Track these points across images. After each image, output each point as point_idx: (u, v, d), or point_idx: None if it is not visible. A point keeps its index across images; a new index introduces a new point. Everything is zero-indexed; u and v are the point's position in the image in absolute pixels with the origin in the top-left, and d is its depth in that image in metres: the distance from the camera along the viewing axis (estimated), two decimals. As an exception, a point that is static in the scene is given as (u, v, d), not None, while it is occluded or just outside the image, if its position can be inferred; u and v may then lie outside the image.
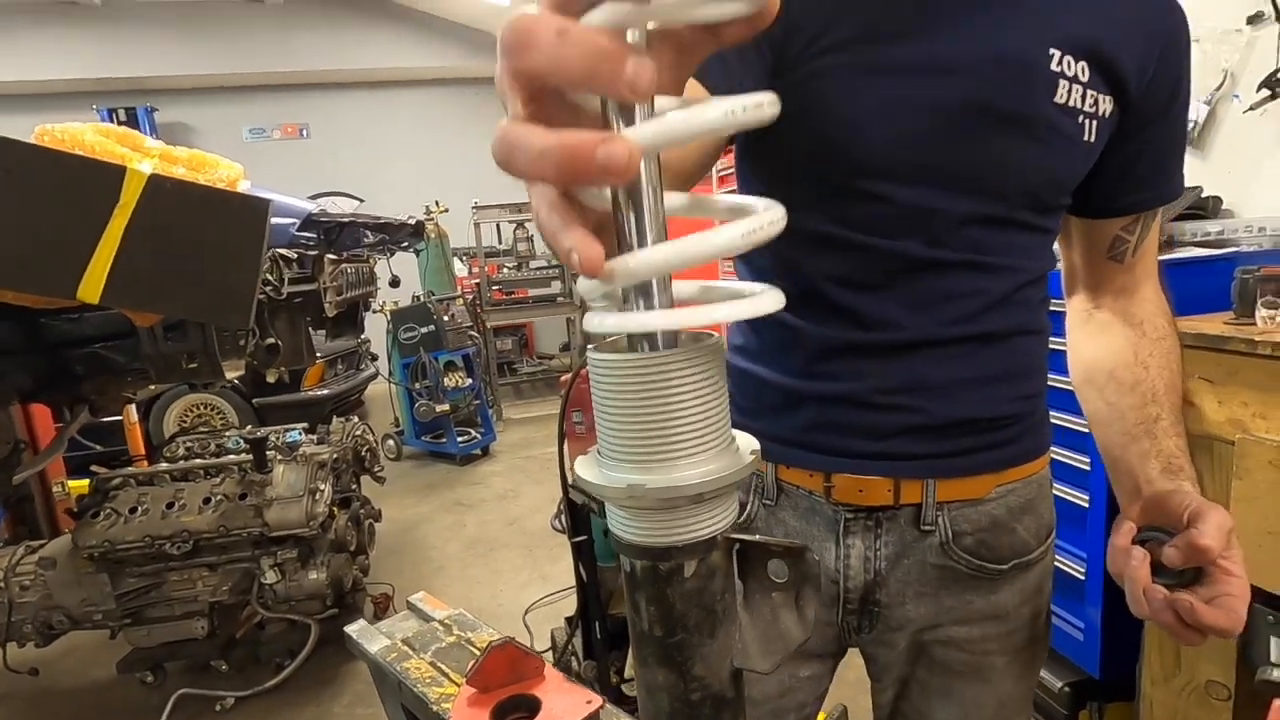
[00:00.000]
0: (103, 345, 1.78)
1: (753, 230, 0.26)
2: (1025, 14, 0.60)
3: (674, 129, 0.24)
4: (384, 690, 0.83)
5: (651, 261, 0.26)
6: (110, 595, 2.10)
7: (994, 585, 0.71)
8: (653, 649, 0.31)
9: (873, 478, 0.66)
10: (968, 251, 0.64)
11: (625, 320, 0.27)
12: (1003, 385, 0.67)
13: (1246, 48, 1.66)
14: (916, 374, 0.65)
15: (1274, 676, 0.99)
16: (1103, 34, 0.61)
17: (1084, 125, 0.62)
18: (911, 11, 0.60)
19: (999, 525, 0.69)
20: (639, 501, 0.28)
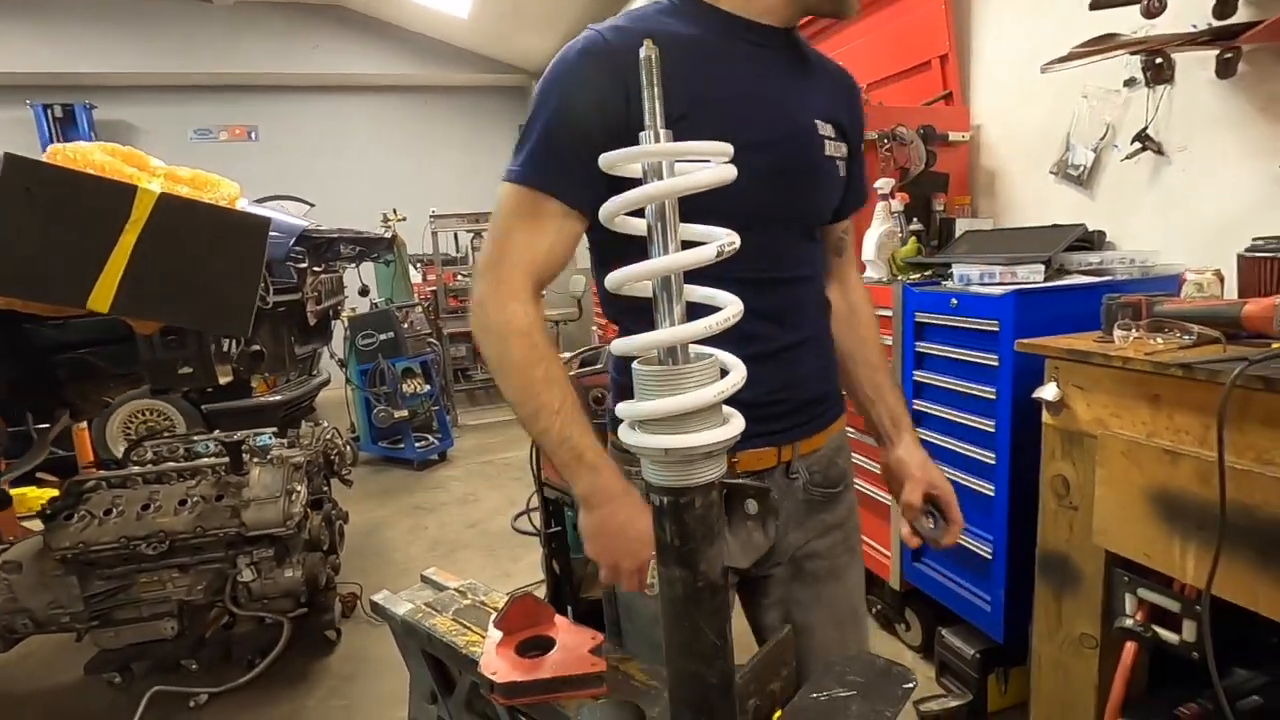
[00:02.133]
0: (88, 350, 1.84)
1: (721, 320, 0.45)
2: (801, 101, 0.90)
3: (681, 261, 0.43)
4: (408, 646, 0.97)
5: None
6: (79, 597, 2.12)
7: (833, 504, 1.01)
8: (673, 554, 0.48)
9: (763, 450, 0.92)
10: (800, 268, 0.93)
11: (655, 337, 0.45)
12: (828, 367, 1.00)
13: (1124, 106, 1.95)
14: (786, 373, 0.91)
15: (1127, 625, 1.23)
16: (833, 105, 0.94)
17: (839, 165, 0.94)
18: (749, 106, 0.85)
19: (830, 463, 1.00)
20: (669, 457, 0.45)
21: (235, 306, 1.51)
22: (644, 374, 0.46)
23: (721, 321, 0.45)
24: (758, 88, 0.86)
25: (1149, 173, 1.92)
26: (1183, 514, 1.11)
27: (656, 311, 0.46)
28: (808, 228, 0.94)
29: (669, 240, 0.44)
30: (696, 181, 0.45)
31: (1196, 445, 1.11)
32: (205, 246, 1.46)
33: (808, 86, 0.92)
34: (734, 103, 0.83)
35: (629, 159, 0.45)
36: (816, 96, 0.92)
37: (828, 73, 0.97)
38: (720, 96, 0.83)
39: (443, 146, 7.62)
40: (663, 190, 0.44)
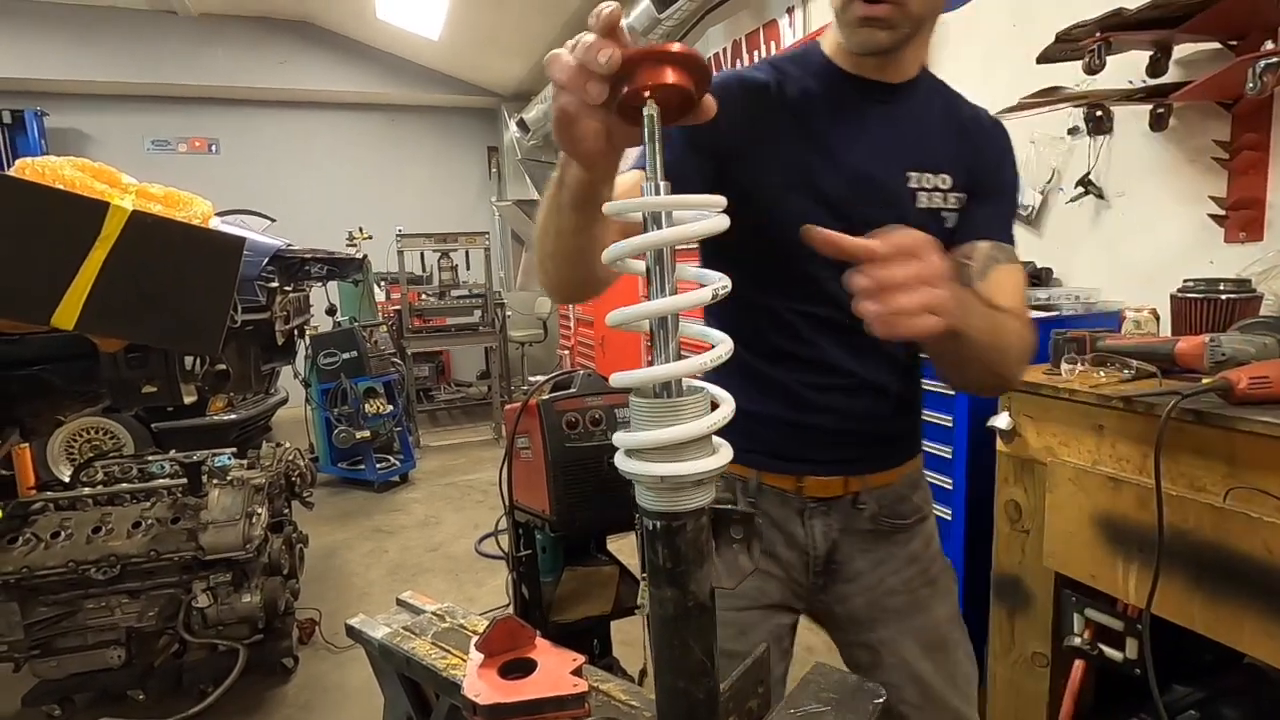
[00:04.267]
0: (42, 368, 1.78)
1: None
2: (890, 154, 0.92)
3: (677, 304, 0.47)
4: (385, 670, 0.97)
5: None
6: (19, 625, 2.03)
7: (907, 538, 1.02)
8: (665, 575, 0.51)
9: (831, 478, 0.98)
10: None
11: (654, 373, 0.48)
12: (902, 407, 1.00)
13: (1068, 153, 2.09)
14: (861, 408, 0.96)
15: (1076, 644, 1.30)
16: (951, 155, 0.94)
17: (943, 216, 0.94)
18: (816, 156, 0.91)
19: (902, 498, 1.02)
20: (664, 484, 0.49)
21: (206, 325, 1.49)
22: (640, 406, 0.50)
23: (714, 359, 0.49)
24: (834, 140, 0.91)
25: (1091, 215, 2.05)
26: (1125, 537, 1.18)
27: (654, 348, 0.50)
28: None
29: (665, 284, 0.48)
30: (688, 233, 0.48)
31: (1136, 473, 1.18)
32: (177, 265, 1.45)
33: (910, 139, 0.93)
34: (802, 152, 0.90)
35: (629, 209, 0.49)
36: (921, 149, 0.93)
37: (957, 123, 0.97)
38: (789, 144, 0.91)
39: (410, 165, 7.59)
40: (657, 240, 0.48)
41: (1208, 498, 1.08)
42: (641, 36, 4.09)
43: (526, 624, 0.86)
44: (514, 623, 0.84)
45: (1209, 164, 1.70)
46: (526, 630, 0.86)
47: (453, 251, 5.50)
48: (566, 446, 1.62)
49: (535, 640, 0.86)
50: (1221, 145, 1.66)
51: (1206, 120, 1.71)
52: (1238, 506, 1.03)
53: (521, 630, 0.85)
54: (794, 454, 0.98)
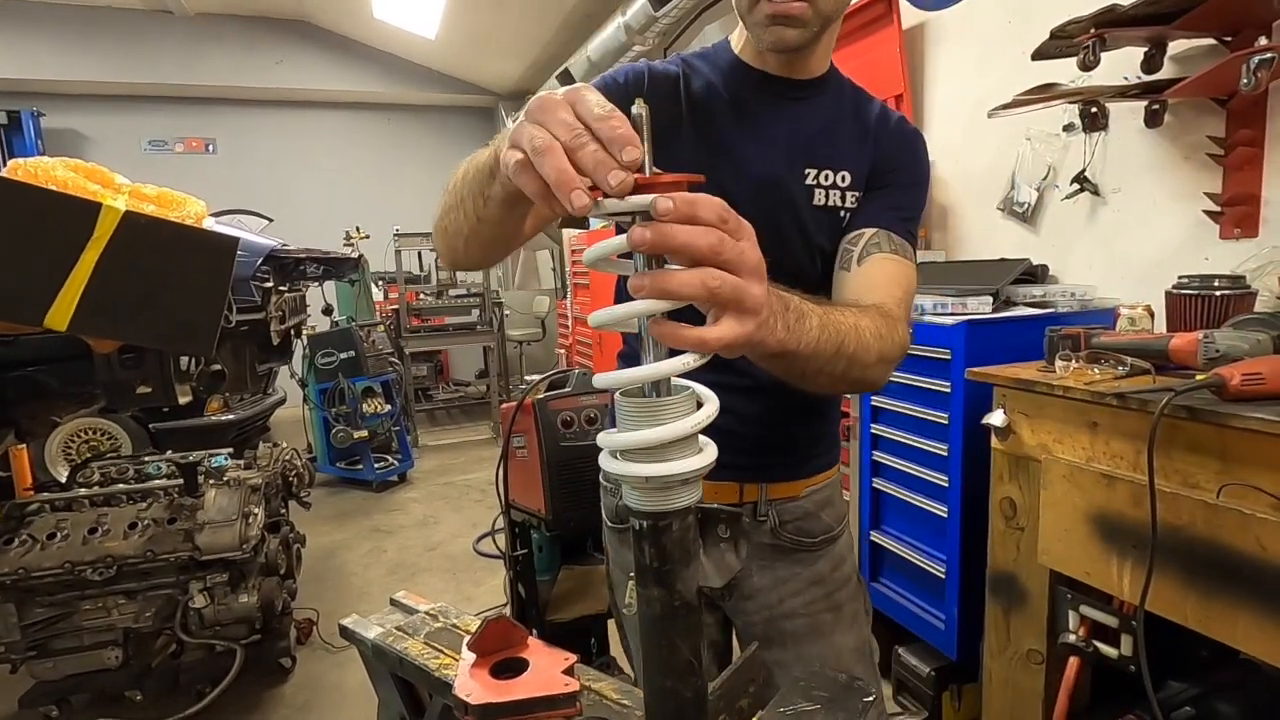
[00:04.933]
0: (37, 369, 1.78)
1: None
2: (789, 150, 0.90)
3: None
4: (378, 671, 0.96)
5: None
6: (15, 626, 2.03)
7: (812, 558, 0.99)
8: (652, 574, 0.51)
9: (724, 483, 0.95)
10: None
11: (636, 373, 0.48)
12: (811, 417, 0.98)
13: (1063, 149, 2.09)
14: (760, 408, 0.93)
15: (1070, 640, 1.30)
16: (852, 153, 0.92)
17: (841, 214, 0.93)
18: (716, 155, 0.90)
19: (809, 514, 0.99)
20: (650, 484, 0.49)
21: (200, 326, 1.49)
22: (625, 405, 0.50)
23: (698, 359, 0.49)
24: (735, 137, 0.90)
25: (1087, 211, 2.05)
26: (1119, 534, 1.18)
27: (640, 347, 0.50)
28: (787, 274, 0.86)
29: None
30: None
31: (1130, 470, 1.18)
32: (170, 265, 1.45)
33: (811, 136, 0.91)
34: (702, 149, 0.90)
35: (616, 319, 0.50)
36: (822, 145, 0.91)
37: (865, 122, 0.94)
38: (691, 140, 0.90)
39: (407, 165, 7.58)
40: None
41: (1201, 494, 1.08)
42: (638, 34, 4.08)
43: (519, 624, 0.86)
44: (506, 623, 0.84)
45: (1204, 160, 1.70)
46: (519, 630, 0.86)
47: (450, 251, 5.48)
48: (561, 445, 1.62)
49: (528, 640, 0.86)
50: (1216, 141, 1.65)
51: (1201, 116, 1.71)
52: (1231, 503, 1.03)
53: (514, 630, 0.85)
54: None
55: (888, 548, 2.02)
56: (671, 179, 0.46)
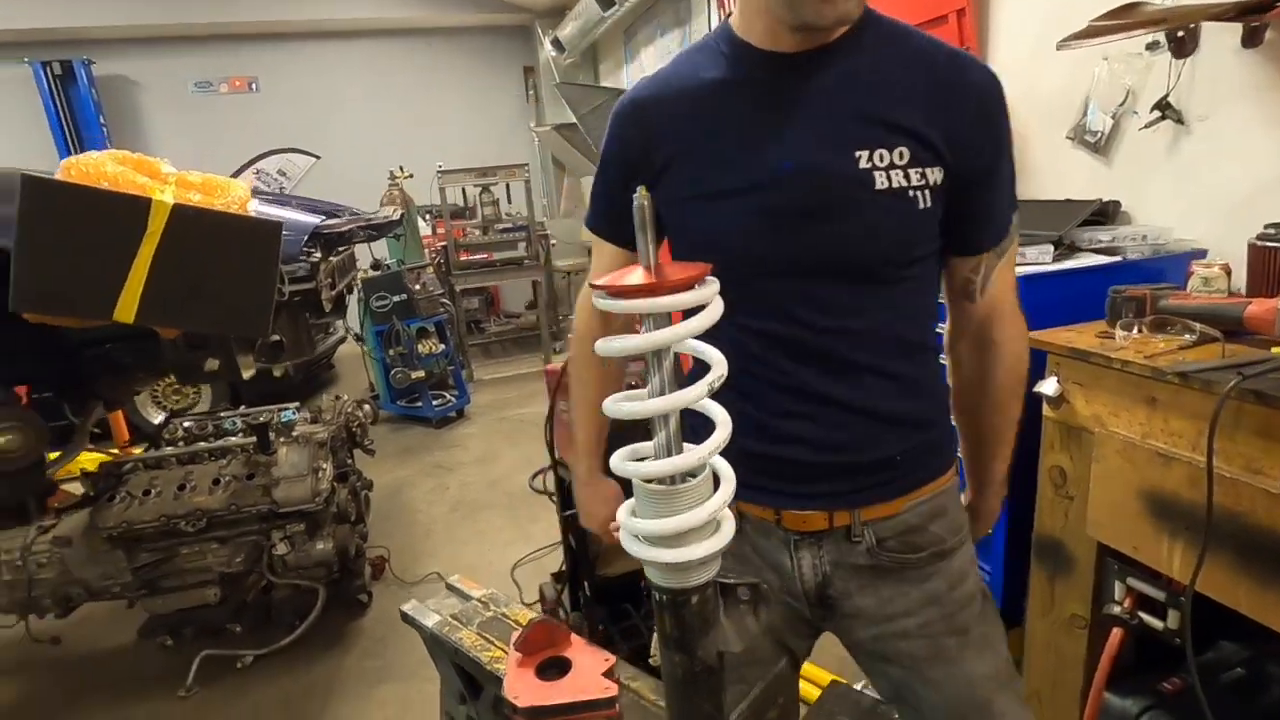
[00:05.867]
0: (112, 347, 1.90)
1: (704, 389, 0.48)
2: (825, 133, 0.77)
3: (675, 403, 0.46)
4: (438, 654, 1.05)
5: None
6: (127, 569, 2.26)
7: (921, 575, 0.87)
8: (673, 642, 0.53)
9: (811, 512, 0.85)
10: (845, 318, 0.81)
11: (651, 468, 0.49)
12: (904, 428, 0.85)
13: (1145, 70, 1.88)
14: (842, 437, 0.83)
15: (1114, 611, 1.30)
16: (913, 122, 0.76)
17: (913, 196, 0.77)
18: (738, 150, 0.81)
19: (913, 529, 0.87)
20: (668, 570, 0.50)
21: (252, 309, 1.55)
22: (643, 494, 0.50)
23: (714, 447, 0.49)
24: (755, 129, 0.80)
25: (1168, 142, 1.87)
26: (1172, 514, 1.15)
27: (653, 436, 0.50)
28: (845, 274, 0.80)
29: (665, 383, 0.47)
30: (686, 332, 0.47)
31: (1189, 450, 1.14)
32: (220, 253, 1.50)
33: (855, 108, 0.77)
34: (723, 149, 0.81)
35: (626, 351, 0.48)
36: (872, 118, 0.76)
37: (919, 73, 0.78)
38: (709, 143, 0.82)
39: (448, 91, 7.45)
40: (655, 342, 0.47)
41: (1264, 482, 1.03)
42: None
43: (562, 624, 0.91)
44: (550, 625, 0.90)
45: (1309, 84, 1.52)
46: (562, 630, 0.91)
47: (493, 185, 5.45)
48: (604, 414, 1.65)
49: (571, 639, 0.92)
50: (1325, 63, 1.47)
51: (1310, 33, 1.51)
52: (1296, 493, 0.98)
53: (556, 630, 0.91)
54: (767, 485, 0.86)
55: (934, 498, 2.02)
56: (676, 281, 0.45)
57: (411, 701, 2.08)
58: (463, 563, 2.86)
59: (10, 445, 1.63)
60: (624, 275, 0.45)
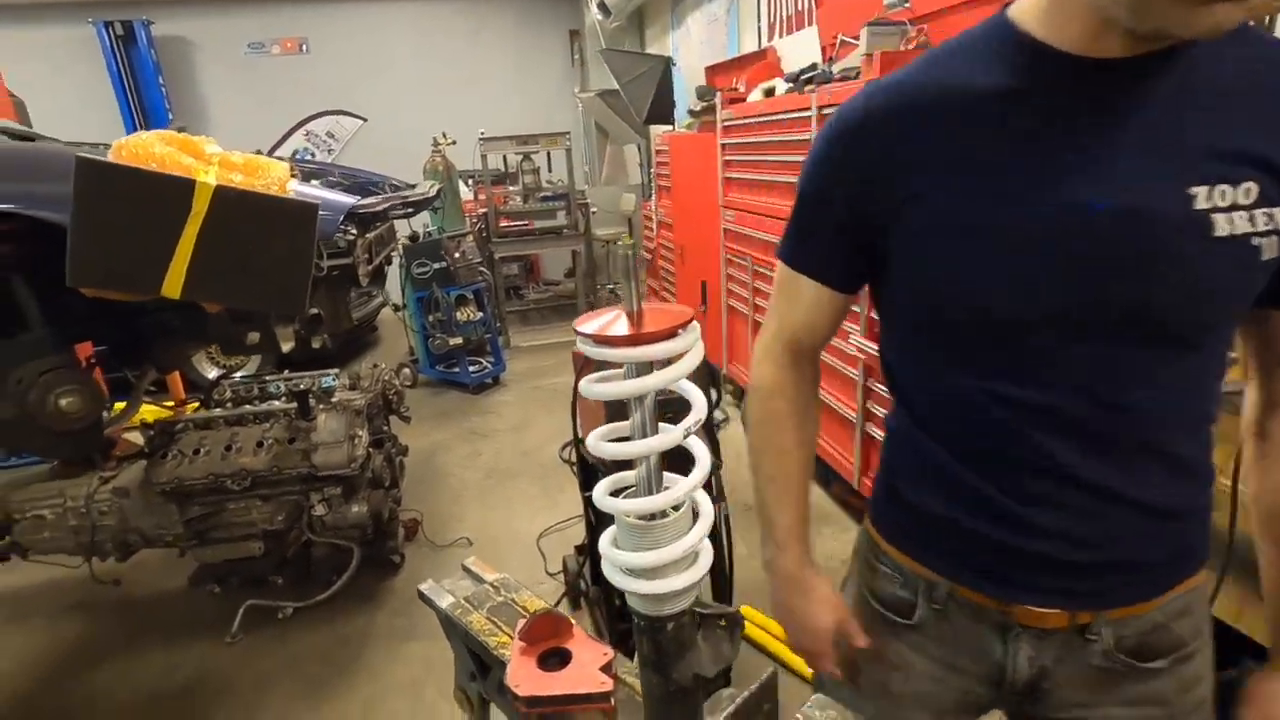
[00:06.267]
0: (163, 313, 2.00)
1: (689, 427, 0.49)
2: (1154, 164, 0.60)
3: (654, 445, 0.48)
4: (451, 634, 1.11)
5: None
6: (178, 521, 2.41)
7: (1151, 679, 0.75)
8: (651, 664, 0.56)
9: (1051, 610, 0.72)
10: (1138, 388, 0.65)
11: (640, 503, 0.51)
12: (1174, 520, 0.71)
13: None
14: (1103, 531, 0.69)
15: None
16: (1260, 140, 0.60)
17: (1260, 245, 0.61)
18: (1017, 175, 0.62)
19: (1157, 627, 0.74)
20: (646, 600, 0.52)
21: (291, 287, 1.61)
22: (624, 526, 0.53)
23: (695, 484, 0.51)
24: (1051, 154, 0.62)
25: None
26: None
27: (637, 474, 0.52)
28: (1149, 337, 0.64)
29: (647, 429, 0.49)
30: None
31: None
32: (260, 233, 1.55)
33: (1190, 130, 0.60)
34: (1000, 178, 0.64)
35: (608, 395, 0.50)
36: (1210, 143, 0.60)
37: (1260, 98, 0.61)
38: (979, 169, 0.64)
39: (493, 52, 7.44)
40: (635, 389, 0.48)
41: (1291, 511, 1.00)
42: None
43: (564, 616, 0.95)
44: (553, 616, 0.94)
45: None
46: (565, 621, 0.95)
47: (534, 154, 5.45)
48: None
49: (573, 631, 0.95)
50: None
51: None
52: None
53: (559, 621, 0.94)
54: (1000, 577, 0.74)
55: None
56: (659, 330, 0.46)
57: (434, 661, 2.19)
58: (492, 529, 2.96)
59: (71, 407, 1.74)
60: (610, 324, 0.47)
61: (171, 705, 2.10)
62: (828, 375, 2.72)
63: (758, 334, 0.90)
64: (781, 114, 2.83)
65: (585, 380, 0.52)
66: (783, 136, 2.84)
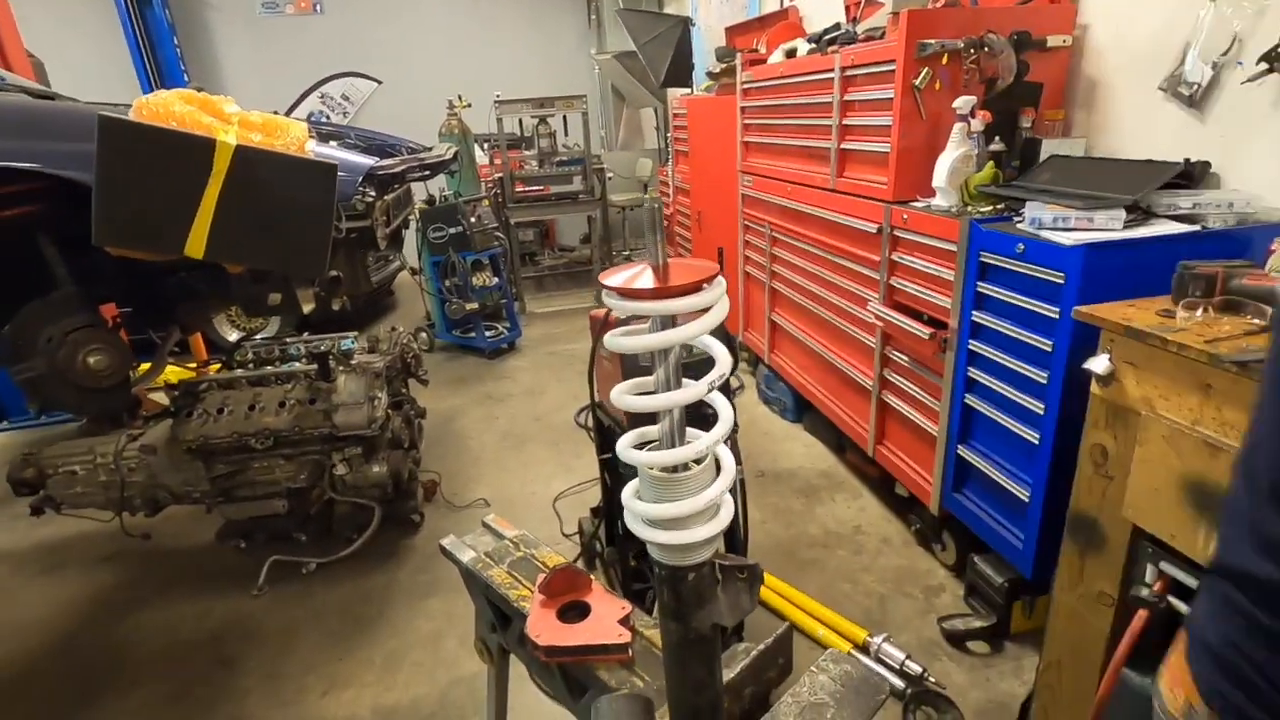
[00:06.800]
0: (188, 275, 2.02)
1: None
2: None
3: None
4: (472, 587, 1.14)
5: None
6: (205, 478, 2.47)
7: None
8: (671, 613, 0.57)
9: None
10: None
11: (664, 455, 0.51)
12: None
13: (1257, 15, 1.70)
14: None
15: (1143, 594, 1.29)
16: None
17: None
18: None
19: None
20: (668, 550, 0.53)
21: (310, 249, 1.62)
22: (647, 479, 0.53)
23: (718, 438, 0.51)
24: None
25: (1272, 98, 1.71)
26: (1214, 506, 1.12)
27: (660, 429, 0.52)
28: None
29: (671, 383, 0.49)
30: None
31: (1239, 442, 1.09)
32: (279, 193, 1.56)
33: None
34: None
35: (635, 349, 0.50)
36: None
37: None
38: None
39: (508, 12, 7.30)
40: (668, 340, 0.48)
41: (1314, 480, 0.99)
42: None
43: (583, 571, 0.97)
44: (572, 571, 0.96)
45: None
46: (583, 576, 0.97)
47: (550, 117, 5.38)
48: (642, 365, 1.68)
49: (592, 585, 0.98)
50: None
51: None
52: (1346, 495, 0.94)
53: (578, 576, 0.97)
54: None
55: (973, 463, 2.00)
56: (685, 283, 0.46)
57: (455, 615, 2.25)
58: (509, 491, 3.01)
59: (99, 365, 1.77)
60: (635, 278, 0.47)
61: (204, 649, 2.18)
62: (845, 342, 2.71)
63: None
64: (803, 76, 2.76)
65: (611, 333, 0.52)
66: (805, 99, 2.78)
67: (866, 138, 2.38)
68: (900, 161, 2.19)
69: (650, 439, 0.54)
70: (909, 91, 2.11)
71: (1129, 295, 1.40)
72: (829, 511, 2.66)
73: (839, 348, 2.77)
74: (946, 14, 2.13)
